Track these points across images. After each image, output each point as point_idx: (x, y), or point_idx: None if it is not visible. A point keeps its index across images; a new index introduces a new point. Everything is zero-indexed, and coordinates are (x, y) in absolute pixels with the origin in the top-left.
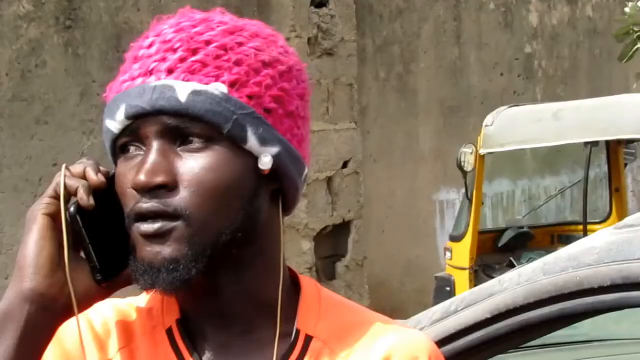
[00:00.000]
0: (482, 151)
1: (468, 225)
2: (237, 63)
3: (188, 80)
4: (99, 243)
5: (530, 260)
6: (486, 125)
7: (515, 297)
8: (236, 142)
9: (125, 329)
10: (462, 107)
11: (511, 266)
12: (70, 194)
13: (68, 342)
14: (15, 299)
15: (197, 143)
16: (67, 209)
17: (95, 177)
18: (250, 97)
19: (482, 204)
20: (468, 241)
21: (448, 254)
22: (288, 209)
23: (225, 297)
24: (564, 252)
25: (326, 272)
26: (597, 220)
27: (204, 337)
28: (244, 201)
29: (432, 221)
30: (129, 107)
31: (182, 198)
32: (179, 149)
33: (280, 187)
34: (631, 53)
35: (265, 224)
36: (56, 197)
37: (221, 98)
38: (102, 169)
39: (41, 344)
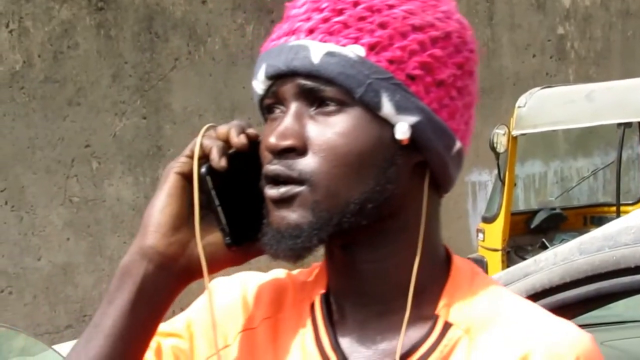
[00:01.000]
0: (515, 132)
1: (500, 207)
2: (382, 25)
3: (325, 41)
4: (232, 207)
5: (562, 241)
6: (519, 107)
7: (551, 277)
8: (370, 108)
9: (277, 299)
10: (494, 89)
11: (543, 247)
12: (205, 154)
13: (219, 306)
14: (135, 254)
15: (331, 106)
16: (199, 169)
17: (236, 139)
18: (391, 61)
19: (515, 185)
20: (500, 223)
21: (480, 235)
22: (440, 186)
23: (363, 275)
24: (600, 232)
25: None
26: (630, 202)
27: (343, 314)
28: (376, 170)
29: (464, 203)
30: (268, 67)
31: (308, 162)
32: (314, 112)
33: (424, 159)
34: None
35: (406, 198)
36: (192, 156)
37: (355, 61)
38: (250, 131)
39: (158, 303)
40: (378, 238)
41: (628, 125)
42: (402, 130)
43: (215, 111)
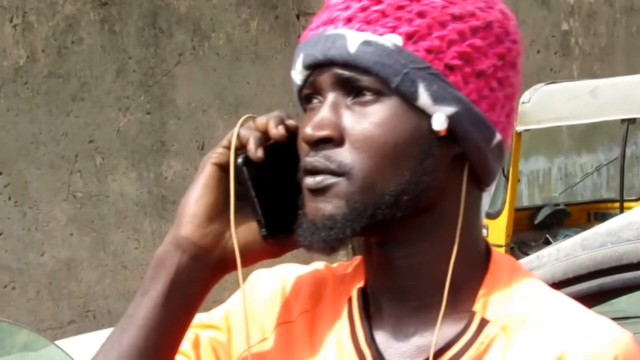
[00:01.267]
0: (519, 128)
1: (504, 203)
2: (420, 14)
3: (362, 30)
4: (270, 198)
5: (566, 237)
6: (522, 102)
7: (554, 273)
8: (406, 98)
9: (316, 292)
10: None
11: (547, 243)
12: (242, 145)
13: (258, 298)
14: (169, 245)
15: (368, 96)
16: (235, 160)
17: (274, 130)
18: (429, 51)
19: (518, 181)
20: (504, 218)
21: (484, 230)
22: (481, 180)
23: (399, 271)
24: (602, 227)
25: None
26: (634, 198)
27: (379, 309)
28: (412, 162)
29: None
30: (305, 56)
31: (346, 153)
32: (351, 102)
33: (463, 152)
34: None
35: (443, 191)
36: (229, 146)
37: (392, 50)
38: (290, 122)
39: (192, 295)
40: (414, 232)
41: (632, 121)
42: (439, 121)
43: (220, 106)
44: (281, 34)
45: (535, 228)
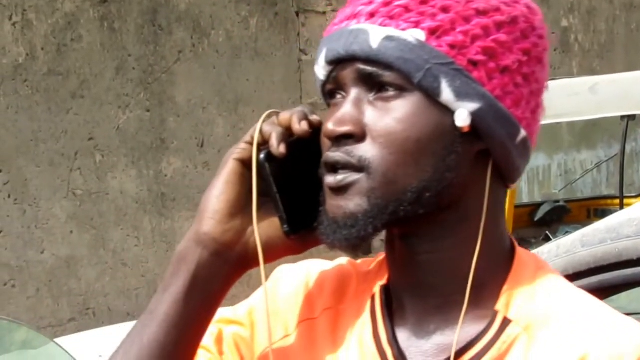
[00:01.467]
0: None
1: None
2: (444, 9)
3: (385, 25)
4: (292, 194)
5: (566, 234)
6: None
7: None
8: (429, 94)
9: (340, 289)
10: None
11: (547, 240)
12: (265, 140)
13: (282, 294)
14: (190, 241)
15: (390, 92)
16: (258, 155)
17: (297, 126)
18: (452, 46)
19: None
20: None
21: None
22: (505, 177)
23: (421, 267)
24: (602, 224)
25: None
26: (634, 194)
27: (402, 306)
28: (435, 158)
29: None
30: (328, 51)
31: (367, 149)
32: (373, 97)
33: (487, 148)
34: None
35: (467, 187)
36: (252, 142)
37: (415, 45)
38: (314, 117)
39: (213, 291)
40: (437, 229)
41: (632, 117)
42: (462, 117)
43: (219, 104)
44: (281, 31)
45: (535, 225)
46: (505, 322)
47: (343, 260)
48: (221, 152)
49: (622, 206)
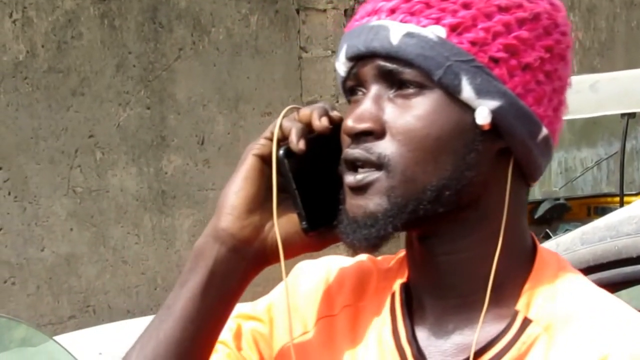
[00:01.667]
0: None
1: None
2: (465, 6)
3: (405, 22)
4: (311, 191)
5: (566, 232)
6: None
7: None
8: (449, 92)
9: (359, 286)
10: None
11: (547, 238)
12: (285, 136)
13: (301, 290)
14: (208, 236)
15: (410, 89)
16: (277, 151)
17: (317, 122)
18: (473, 43)
19: None
20: None
21: None
22: (527, 175)
23: (441, 267)
24: (602, 222)
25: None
26: (634, 192)
27: (421, 305)
28: (454, 156)
29: None
30: (348, 48)
31: (386, 146)
32: (393, 94)
33: (508, 146)
34: None
35: (487, 186)
36: (271, 138)
37: (435, 42)
38: (334, 113)
39: (230, 287)
40: (457, 228)
41: (632, 115)
42: (483, 115)
43: (220, 101)
44: (281, 29)
45: (535, 222)
46: (526, 322)
47: (363, 256)
48: (221, 149)
49: (622, 204)
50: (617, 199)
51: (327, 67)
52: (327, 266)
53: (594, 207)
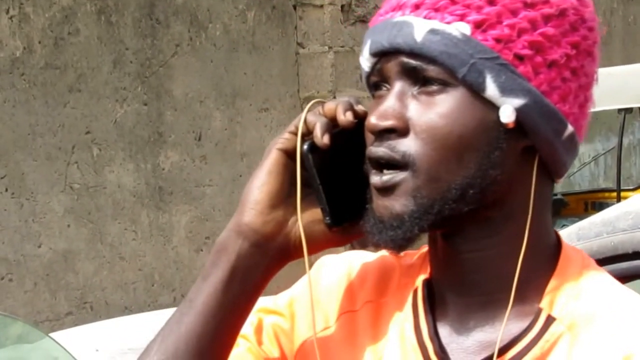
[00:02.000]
0: None
1: None
2: (491, 2)
3: (429, 18)
4: (335, 186)
5: (563, 227)
6: None
7: None
8: (473, 89)
9: (382, 282)
10: None
11: None
12: (309, 130)
13: (321, 286)
14: (231, 231)
15: (434, 86)
16: (302, 146)
17: (342, 116)
18: (498, 40)
19: None
20: None
21: None
22: (552, 172)
23: (465, 265)
24: (598, 217)
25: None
26: (631, 187)
27: (444, 302)
28: (478, 154)
29: None
30: (372, 43)
31: (410, 144)
32: (417, 91)
33: (533, 144)
34: None
35: (512, 184)
36: (295, 132)
37: (459, 39)
38: (360, 107)
39: (252, 282)
40: (482, 227)
41: (629, 110)
42: (507, 114)
43: (217, 97)
44: (278, 25)
45: None
46: (549, 320)
47: (386, 252)
48: (218, 145)
49: (619, 199)
50: (615, 194)
51: (324, 62)
52: (350, 261)
53: (591, 202)
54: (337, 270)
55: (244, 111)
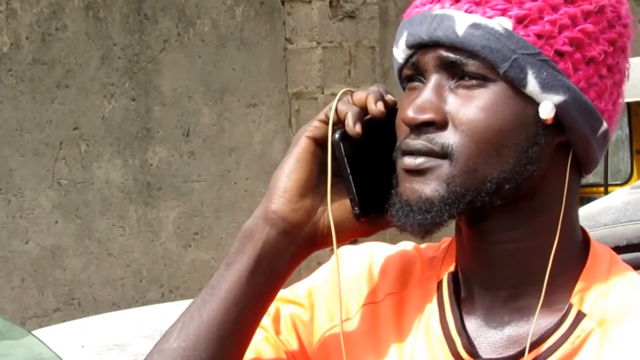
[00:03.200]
0: None
1: None
2: None
3: (471, 12)
4: (364, 176)
5: None
6: None
7: None
8: (514, 85)
9: (404, 274)
10: None
11: None
12: (340, 119)
13: (344, 276)
14: (259, 218)
15: (472, 80)
16: (333, 134)
17: (373, 106)
18: (539, 36)
19: None
20: None
21: None
22: (583, 168)
23: (493, 257)
24: (580, 212)
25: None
26: (618, 182)
27: (470, 296)
28: (517, 149)
29: None
30: (409, 35)
31: (449, 136)
32: (454, 84)
33: (568, 140)
34: None
35: (545, 179)
36: (326, 121)
37: (502, 34)
38: (389, 97)
39: (278, 271)
40: (511, 219)
41: None
42: (547, 110)
43: (205, 93)
44: (266, 20)
45: None
46: (580, 316)
47: (407, 244)
48: (206, 141)
49: (606, 194)
50: (602, 189)
51: (312, 58)
52: (370, 253)
53: (579, 197)
54: (358, 261)
55: (232, 107)
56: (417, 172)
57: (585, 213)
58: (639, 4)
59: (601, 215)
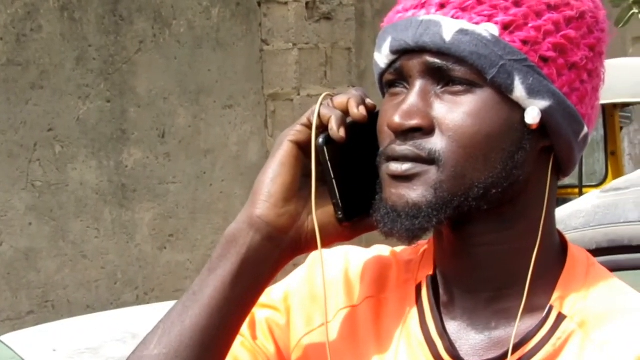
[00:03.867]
0: None
1: None
2: (516, 3)
3: (457, 18)
4: (346, 180)
5: None
6: None
7: None
8: (501, 90)
9: (380, 277)
10: None
11: None
12: (323, 124)
13: (317, 280)
14: (242, 223)
15: (459, 86)
16: (317, 139)
17: (355, 110)
18: (525, 42)
19: None
20: None
21: None
22: (562, 171)
23: (475, 259)
24: None
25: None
26: (593, 184)
27: (450, 299)
28: (503, 154)
29: None
30: (393, 41)
31: (436, 142)
32: (440, 90)
33: (551, 145)
34: (627, 18)
35: (528, 182)
36: (308, 125)
37: (489, 40)
38: (368, 102)
39: (261, 276)
40: (495, 222)
41: None
42: (533, 115)
43: (181, 94)
44: (243, 22)
45: None
46: (560, 318)
47: (382, 248)
48: (182, 142)
49: (581, 195)
50: (577, 190)
51: (288, 59)
52: (345, 256)
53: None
54: (333, 265)
55: (208, 108)
56: (404, 178)
57: (556, 216)
58: (615, 5)
59: (571, 218)
